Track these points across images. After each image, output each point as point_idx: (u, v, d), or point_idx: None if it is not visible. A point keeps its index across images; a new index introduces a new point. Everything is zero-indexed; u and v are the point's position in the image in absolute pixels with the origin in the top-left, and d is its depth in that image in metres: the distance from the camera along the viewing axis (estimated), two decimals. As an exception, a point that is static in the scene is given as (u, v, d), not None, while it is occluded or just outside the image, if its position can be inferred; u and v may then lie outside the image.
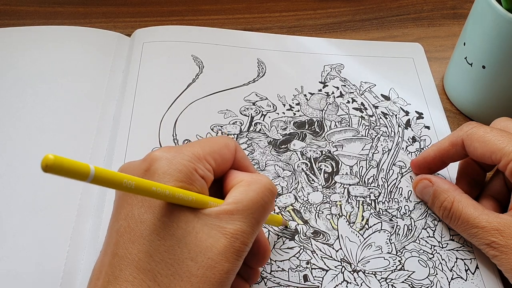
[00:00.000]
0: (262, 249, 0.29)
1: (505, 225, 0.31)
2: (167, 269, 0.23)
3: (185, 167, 0.25)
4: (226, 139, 0.29)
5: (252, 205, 0.26)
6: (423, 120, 0.44)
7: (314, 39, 0.50)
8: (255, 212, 0.26)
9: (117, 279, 0.23)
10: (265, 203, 0.27)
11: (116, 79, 0.44)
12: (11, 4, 0.52)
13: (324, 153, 0.40)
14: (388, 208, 0.37)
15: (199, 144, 0.27)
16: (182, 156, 0.26)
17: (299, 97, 0.44)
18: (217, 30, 0.49)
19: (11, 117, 0.40)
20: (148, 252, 0.23)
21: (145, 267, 0.23)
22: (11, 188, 0.36)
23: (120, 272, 0.24)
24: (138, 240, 0.24)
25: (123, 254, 0.24)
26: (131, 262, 0.23)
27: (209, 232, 0.24)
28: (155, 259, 0.23)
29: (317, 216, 0.36)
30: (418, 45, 0.50)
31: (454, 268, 0.34)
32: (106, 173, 0.20)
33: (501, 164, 0.33)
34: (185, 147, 0.27)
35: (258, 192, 0.26)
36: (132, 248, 0.24)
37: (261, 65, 0.46)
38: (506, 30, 0.37)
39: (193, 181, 0.25)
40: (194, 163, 0.26)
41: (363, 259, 0.34)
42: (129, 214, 0.25)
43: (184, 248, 0.24)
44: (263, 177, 0.27)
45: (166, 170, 0.25)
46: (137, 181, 0.22)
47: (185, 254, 0.24)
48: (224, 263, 0.24)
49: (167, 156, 0.25)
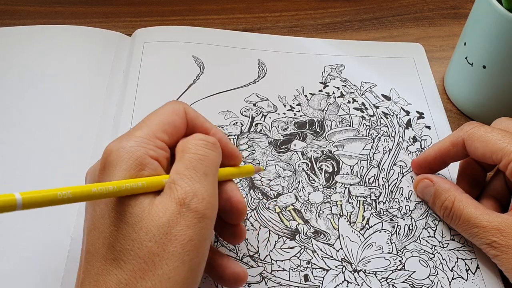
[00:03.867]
0: (235, 203, 0.29)
1: (505, 224, 0.31)
2: (129, 255, 0.24)
3: (134, 154, 0.25)
4: (172, 104, 0.29)
5: (192, 163, 0.25)
6: (424, 120, 0.44)
7: (315, 40, 0.50)
8: (198, 168, 0.25)
9: (90, 273, 0.25)
10: (204, 157, 0.26)
11: (117, 79, 0.44)
12: (12, 4, 0.52)
13: (325, 153, 0.40)
14: (389, 208, 0.37)
15: (147, 122, 0.28)
16: (131, 144, 0.26)
17: (299, 97, 0.44)
18: (218, 31, 0.49)
19: (12, 117, 0.40)
20: (110, 244, 0.24)
21: (110, 258, 0.24)
22: (11, 188, 0.36)
23: (91, 267, 0.25)
24: (101, 235, 0.25)
25: (92, 250, 0.25)
26: (99, 256, 0.24)
27: (162, 208, 0.24)
28: (117, 249, 0.24)
29: (318, 216, 0.36)
30: (419, 45, 0.50)
31: (454, 268, 0.34)
32: (35, 195, 0.20)
33: (501, 164, 0.33)
34: (134, 131, 0.27)
35: (193, 151, 0.26)
36: (97, 243, 0.25)
37: (261, 66, 0.46)
38: (506, 30, 0.37)
39: (145, 165, 0.25)
40: (144, 146, 0.26)
41: (363, 259, 0.34)
42: (92, 213, 0.26)
43: (141, 232, 0.24)
44: (196, 136, 0.27)
45: (116, 163, 0.25)
46: (72, 190, 0.22)
47: (142, 236, 0.24)
48: (184, 232, 0.24)
49: (116, 147, 0.26)
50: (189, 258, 0.24)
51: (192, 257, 0.24)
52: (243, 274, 0.30)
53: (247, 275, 0.30)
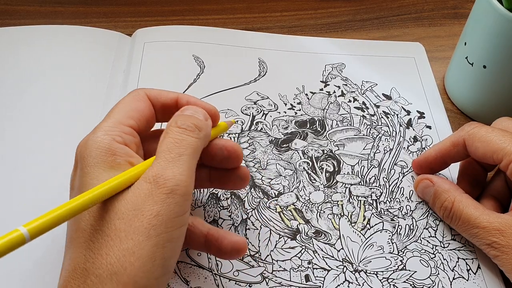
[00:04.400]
0: (229, 147, 0.30)
1: (506, 225, 0.31)
2: (97, 234, 0.24)
3: (101, 143, 0.26)
4: (133, 92, 0.29)
5: (164, 147, 0.26)
6: (425, 119, 0.43)
7: (315, 38, 0.50)
8: (170, 149, 0.25)
9: (65, 260, 0.25)
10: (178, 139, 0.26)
11: (117, 79, 0.44)
12: (12, 4, 0.51)
13: (326, 152, 0.40)
14: (390, 208, 0.37)
15: (110, 113, 0.28)
16: (97, 135, 0.26)
17: (300, 96, 0.44)
18: (218, 30, 0.49)
19: (12, 117, 0.40)
20: (81, 228, 0.25)
21: (80, 240, 0.24)
22: (11, 188, 0.36)
23: (66, 253, 0.25)
24: (74, 223, 0.25)
25: (68, 239, 0.26)
26: (71, 242, 0.25)
27: (133, 189, 0.25)
28: (87, 231, 0.24)
29: (319, 215, 0.36)
30: (419, 44, 0.50)
31: (455, 268, 0.34)
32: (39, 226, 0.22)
33: (502, 163, 0.33)
34: (99, 124, 0.28)
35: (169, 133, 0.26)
36: (71, 232, 0.26)
37: (262, 65, 0.46)
38: (507, 30, 0.37)
39: (114, 151, 0.26)
40: (109, 134, 0.26)
41: (364, 259, 0.34)
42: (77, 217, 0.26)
43: (111, 212, 0.24)
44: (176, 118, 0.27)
45: (86, 155, 0.26)
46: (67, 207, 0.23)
47: (113, 216, 0.24)
48: (151, 207, 0.24)
49: (84, 143, 0.26)
50: (155, 233, 0.24)
51: (159, 232, 0.24)
52: (242, 243, 0.29)
53: (246, 244, 0.30)
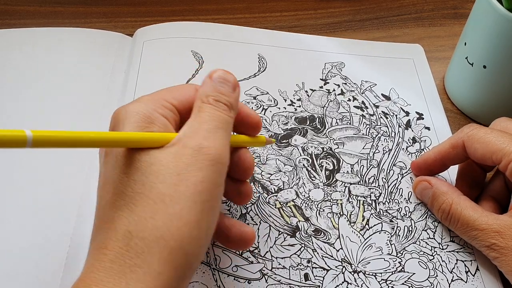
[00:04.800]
0: (242, 158, 0.30)
1: (505, 226, 0.31)
2: (139, 198, 0.23)
3: (143, 109, 0.26)
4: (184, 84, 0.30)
5: (202, 119, 0.26)
6: (423, 121, 0.43)
7: (315, 36, 0.49)
8: (208, 122, 0.26)
9: (101, 224, 0.24)
10: (215, 115, 0.26)
11: (118, 79, 0.43)
12: (12, 4, 0.51)
13: (325, 150, 0.40)
14: (389, 209, 0.37)
15: (158, 91, 0.28)
16: (140, 103, 0.26)
17: (300, 93, 0.44)
18: (216, 25, 0.48)
19: (12, 118, 0.39)
20: (120, 191, 0.24)
21: (121, 204, 0.24)
22: (11, 189, 0.35)
23: (103, 217, 0.24)
24: (111, 186, 0.24)
25: (104, 203, 0.25)
26: (110, 206, 0.24)
27: (172, 154, 0.24)
28: (128, 194, 0.24)
29: (318, 214, 0.36)
30: (419, 46, 0.50)
31: (454, 269, 0.34)
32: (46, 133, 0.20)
33: (501, 164, 0.33)
34: (144, 96, 0.27)
35: (206, 106, 0.26)
36: (108, 195, 0.24)
37: (262, 60, 0.46)
38: (507, 30, 0.37)
39: (153, 120, 0.26)
40: (151, 104, 0.26)
41: (363, 260, 0.34)
42: (104, 169, 0.26)
43: (151, 176, 0.24)
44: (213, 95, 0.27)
45: (125, 117, 0.25)
46: (84, 133, 0.22)
47: (153, 179, 0.24)
48: (195, 173, 0.24)
49: (124, 107, 0.26)
50: (201, 199, 0.24)
51: (204, 199, 0.24)
52: (250, 233, 0.29)
53: (254, 236, 0.30)
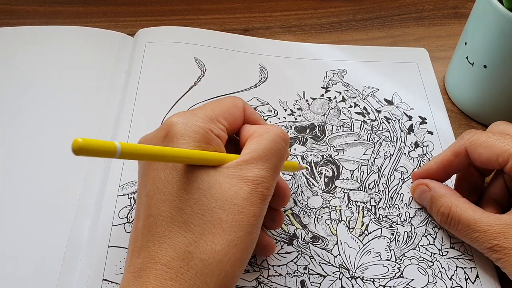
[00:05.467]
0: (282, 190, 0.31)
1: (507, 226, 0.31)
2: (199, 219, 0.25)
3: (201, 128, 0.27)
4: (233, 98, 0.31)
5: (267, 152, 0.27)
6: (426, 125, 0.43)
7: (317, 45, 0.50)
8: (271, 158, 0.27)
9: (154, 236, 0.25)
10: (278, 149, 0.28)
11: (119, 79, 0.44)
12: (11, 4, 0.52)
13: (325, 157, 0.40)
14: (389, 214, 0.37)
15: (209, 106, 0.29)
16: (197, 119, 0.27)
17: (300, 102, 0.44)
18: (220, 34, 0.49)
19: (12, 118, 0.40)
20: (179, 207, 0.25)
21: (179, 220, 0.25)
22: (10, 188, 0.36)
23: (156, 230, 0.25)
24: (168, 198, 0.25)
25: (156, 214, 0.26)
26: (165, 219, 0.25)
27: (231, 182, 0.26)
28: (187, 212, 0.25)
29: (316, 221, 0.36)
30: (423, 50, 0.50)
31: (454, 276, 0.34)
32: (132, 147, 0.22)
33: (508, 165, 0.32)
34: (198, 110, 0.28)
35: (270, 140, 0.28)
36: (163, 206, 0.25)
37: (263, 71, 0.46)
38: (507, 30, 0.37)
39: (210, 140, 0.27)
40: (208, 123, 0.27)
41: (361, 266, 0.34)
42: (156, 178, 0.26)
43: (211, 198, 0.25)
44: (274, 127, 0.29)
45: (183, 133, 0.26)
46: (166, 150, 0.24)
47: (212, 203, 0.25)
48: (250, 207, 0.26)
49: (182, 120, 0.27)
50: (251, 231, 0.26)
51: (253, 231, 0.26)
52: (272, 241, 0.32)
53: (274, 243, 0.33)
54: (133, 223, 0.28)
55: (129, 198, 0.36)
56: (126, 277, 0.25)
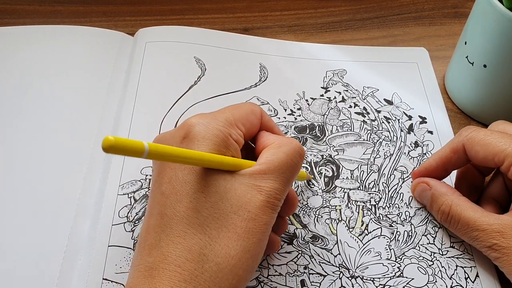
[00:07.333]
0: (290, 199, 0.31)
1: (506, 226, 0.31)
2: (215, 222, 0.25)
3: (221, 132, 0.27)
4: (251, 105, 0.31)
5: (283, 165, 0.28)
6: (426, 125, 0.43)
7: (317, 45, 0.50)
8: (286, 172, 0.28)
9: (168, 235, 0.25)
10: (294, 164, 0.28)
11: (119, 79, 0.44)
12: (11, 3, 0.52)
13: (325, 157, 0.40)
14: (389, 213, 0.37)
15: (229, 111, 0.29)
16: (217, 122, 0.27)
17: (300, 102, 0.44)
18: (220, 33, 0.49)
19: (12, 117, 0.40)
20: (195, 209, 0.25)
21: (194, 222, 0.25)
22: (10, 188, 0.36)
23: (170, 229, 0.25)
24: (184, 199, 0.26)
25: (171, 213, 0.26)
26: (181, 219, 0.25)
27: (246, 189, 0.26)
28: (203, 214, 0.25)
29: (316, 220, 0.36)
30: (423, 49, 0.50)
31: (453, 276, 0.34)
32: (158, 148, 0.22)
33: (504, 165, 0.32)
34: (218, 114, 0.29)
35: (288, 154, 0.28)
36: (179, 207, 0.25)
37: (263, 70, 0.46)
38: (507, 29, 0.37)
39: (229, 145, 0.27)
40: (228, 128, 0.28)
41: (361, 265, 0.34)
42: (173, 177, 0.26)
43: (227, 203, 0.26)
44: (292, 140, 0.29)
45: (204, 135, 0.27)
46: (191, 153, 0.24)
47: (228, 208, 0.26)
48: (262, 216, 0.26)
49: (203, 122, 0.27)
50: (263, 238, 0.27)
51: (264, 238, 0.27)
52: (277, 238, 0.32)
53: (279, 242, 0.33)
54: (143, 219, 0.28)
55: (129, 197, 0.36)
56: (136, 275, 0.25)
